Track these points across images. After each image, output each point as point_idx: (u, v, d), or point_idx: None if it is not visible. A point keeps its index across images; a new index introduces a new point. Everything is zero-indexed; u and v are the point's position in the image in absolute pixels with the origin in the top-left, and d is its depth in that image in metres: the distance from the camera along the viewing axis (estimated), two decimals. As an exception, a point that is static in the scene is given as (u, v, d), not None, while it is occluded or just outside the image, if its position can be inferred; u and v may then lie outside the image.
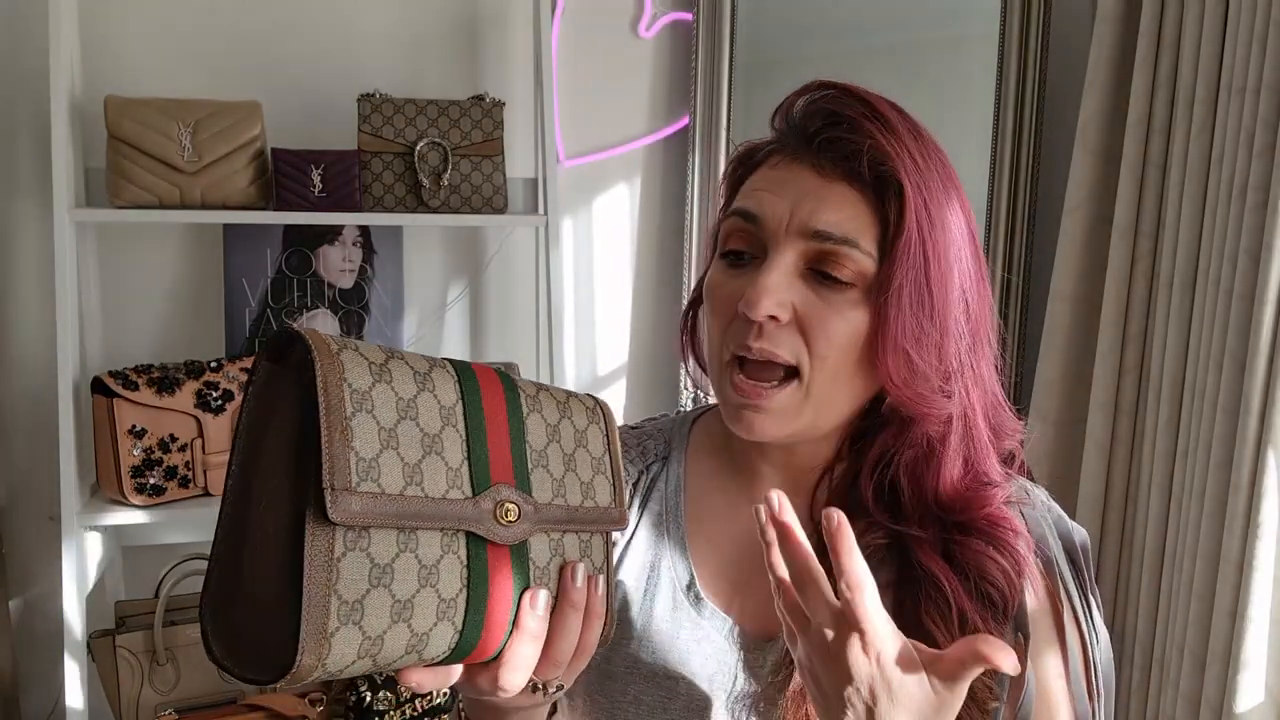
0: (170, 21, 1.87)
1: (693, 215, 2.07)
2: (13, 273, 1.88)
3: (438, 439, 0.54)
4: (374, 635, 0.50)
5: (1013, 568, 0.74)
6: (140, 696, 1.69)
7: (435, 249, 2.04)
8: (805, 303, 0.72)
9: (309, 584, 0.48)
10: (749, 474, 0.83)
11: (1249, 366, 1.33)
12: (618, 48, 2.06)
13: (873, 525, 0.76)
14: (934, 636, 0.71)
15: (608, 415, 0.68)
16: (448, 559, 0.54)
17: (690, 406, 2.11)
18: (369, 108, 1.79)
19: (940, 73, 1.96)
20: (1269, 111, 1.34)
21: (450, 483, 0.54)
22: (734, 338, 0.74)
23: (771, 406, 0.73)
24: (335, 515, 0.48)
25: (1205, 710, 1.39)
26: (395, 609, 0.51)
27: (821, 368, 0.72)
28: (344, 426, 0.49)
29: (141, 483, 1.68)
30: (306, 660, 0.47)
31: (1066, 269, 1.71)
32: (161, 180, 1.68)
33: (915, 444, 0.77)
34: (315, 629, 0.48)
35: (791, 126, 0.76)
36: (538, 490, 0.60)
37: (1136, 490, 1.63)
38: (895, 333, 0.71)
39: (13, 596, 1.92)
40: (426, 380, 0.55)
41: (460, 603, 0.55)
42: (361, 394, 0.51)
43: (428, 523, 0.53)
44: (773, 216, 0.73)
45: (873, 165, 0.71)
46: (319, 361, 0.50)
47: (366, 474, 0.50)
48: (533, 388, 0.63)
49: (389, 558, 0.51)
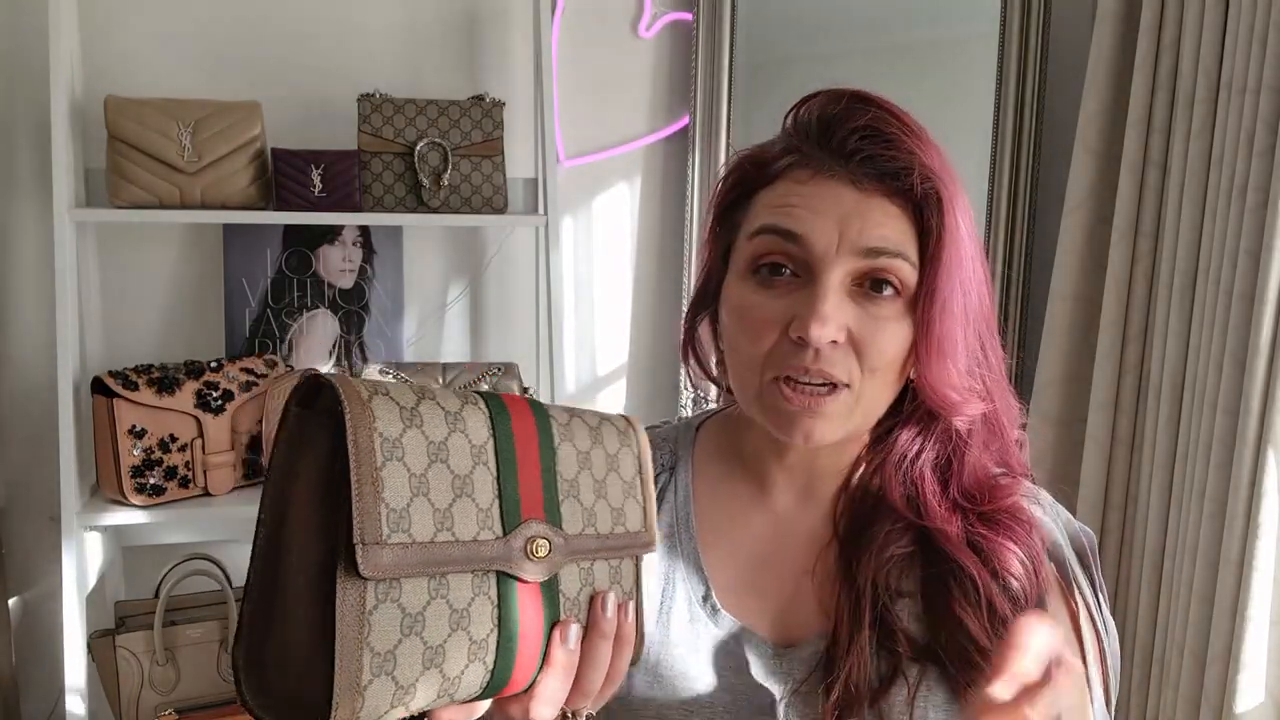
0: (170, 21, 1.87)
1: (693, 215, 2.07)
2: (13, 273, 1.88)
3: (468, 480, 0.54)
4: (406, 684, 0.50)
5: (1032, 559, 0.75)
6: (140, 696, 1.69)
7: (435, 249, 2.04)
8: (858, 321, 0.72)
9: (341, 640, 0.48)
10: (761, 481, 0.83)
11: (1249, 366, 1.33)
12: (618, 48, 2.06)
13: (897, 530, 0.77)
14: (967, 625, 0.72)
15: (640, 437, 0.67)
16: (479, 600, 0.54)
17: (690, 407, 2.11)
18: (369, 108, 1.79)
19: (940, 73, 1.96)
20: (1269, 111, 1.34)
21: (481, 524, 0.54)
22: (781, 360, 0.73)
23: (827, 412, 0.73)
24: (367, 571, 0.48)
25: (1205, 710, 1.39)
26: (427, 656, 0.51)
27: (871, 378, 0.73)
28: (374, 478, 0.49)
29: (141, 483, 1.68)
30: (341, 715, 0.48)
31: (1066, 269, 1.71)
32: (161, 180, 1.68)
33: (939, 438, 0.78)
34: (349, 683, 0.48)
35: (817, 140, 0.74)
36: (568, 522, 0.60)
37: (1136, 490, 1.63)
38: (939, 338, 0.72)
39: (12, 596, 1.92)
40: (458, 420, 0.54)
41: (491, 643, 0.55)
42: (392, 442, 0.50)
43: (458, 567, 0.52)
44: (821, 237, 0.71)
45: (921, 181, 0.72)
46: (349, 410, 0.49)
47: (397, 525, 0.49)
48: (565, 415, 0.62)
49: (420, 606, 0.51)
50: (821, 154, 0.73)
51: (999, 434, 0.79)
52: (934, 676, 0.74)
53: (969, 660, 0.72)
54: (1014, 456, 0.81)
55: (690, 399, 2.12)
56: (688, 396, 2.12)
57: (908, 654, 0.74)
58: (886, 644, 0.74)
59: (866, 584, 0.75)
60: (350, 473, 0.48)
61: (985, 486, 0.78)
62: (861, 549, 0.77)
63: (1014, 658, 0.59)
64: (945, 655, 0.73)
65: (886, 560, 0.76)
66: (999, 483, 0.79)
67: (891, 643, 0.74)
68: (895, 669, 0.74)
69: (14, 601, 1.92)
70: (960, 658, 0.73)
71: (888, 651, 0.74)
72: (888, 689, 0.73)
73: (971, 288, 0.75)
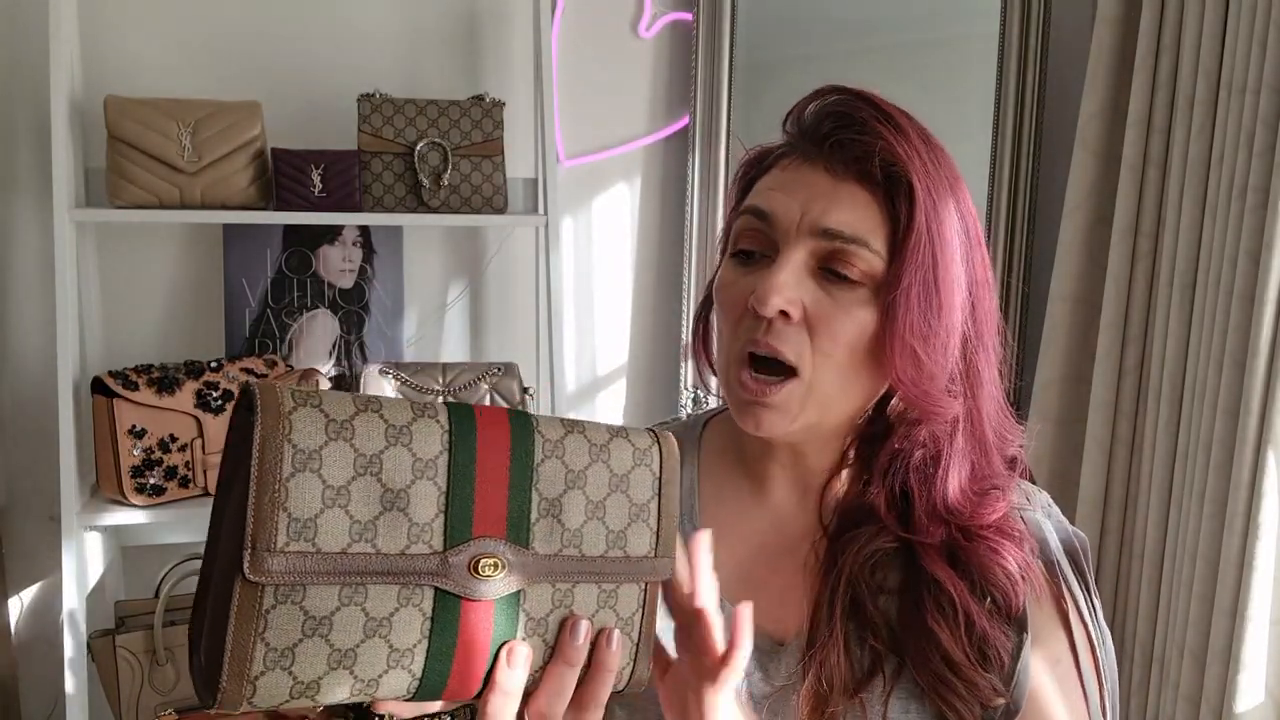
0: (170, 21, 1.87)
1: (693, 215, 2.07)
2: (13, 273, 1.88)
3: (402, 494, 0.54)
4: (307, 680, 0.52)
5: (1015, 571, 0.75)
6: (140, 696, 1.69)
7: (435, 249, 2.04)
8: (815, 301, 0.73)
9: (232, 631, 0.50)
10: (760, 477, 0.84)
11: (1249, 367, 1.33)
12: (618, 48, 2.06)
13: (882, 530, 0.78)
14: (938, 638, 0.73)
15: (664, 457, 0.65)
16: (405, 611, 0.54)
17: (690, 406, 2.11)
18: (369, 108, 1.79)
19: (940, 73, 1.96)
20: (1269, 111, 1.34)
21: (413, 538, 0.54)
22: (744, 333, 0.75)
23: (775, 402, 0.74)
24: (251, 575, 0.50)
25: (1205, 710, 1.39)
26: (334, 657, 0.53)
27: (825, 365, 0.74)
28: (276, 488, 0.51)
29: (141, 483, 1.68)
30: (228, 699, 0.51)
31: (1066, 269, 1.71)
32: (161, 180, 1.68)
33: (922, 445, 0.78)
34: (236, 672, 0.50)
35: (803, 130, 0.78)
36: (540, 541, 0.59)
37: (1136, 490, 1.63)
38: (903, 330, 0.72)
39: (12, 596, 1.92)
40: (402, 434, 0.54)
41: (419, 653, 0.55)
42: (308, 454, 0.51)
43: (378, 578, 0.53)
44: (784, 215, 0.74)
45: (884, 165, 0.72)
46: (260, 422, 0.51)
47: (299, 534, 0.51)
48: (560, 430, 0.61)
49: (327, 611, 0.52)
50: (804, 142, 0.77)
51: (985, 445, 0.79)
52: (912, 675, 0.75)
53: (933, 670, 0.73)
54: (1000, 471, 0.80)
55: (690, 399, 2.12)
56: (688, 396, 2.12)
57: (886, 649, 0.75)
58: (865, 637, 0.75)
59: (844, 576, 0.76)
60: (250, 482, 0.50)
61: (970, 501, 0.78)
62: (846, 544, 0.78)
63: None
64: (913, 665, 0.74)
65: (869, 555, 0.77)
66: (986, 497, 0.78)
67: (871, 637, 0.75)
68: (874, 663, 0.75)
69: (14, 601, 1.92)
70: (924, 667, 0.73)
71: (867, 646, 0.75)
72: (867, 681, 0.74)
73: (953, 286, 0.74)
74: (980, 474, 0.79)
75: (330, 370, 1.96)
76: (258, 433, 0.50)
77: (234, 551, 0.51)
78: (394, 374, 1.81)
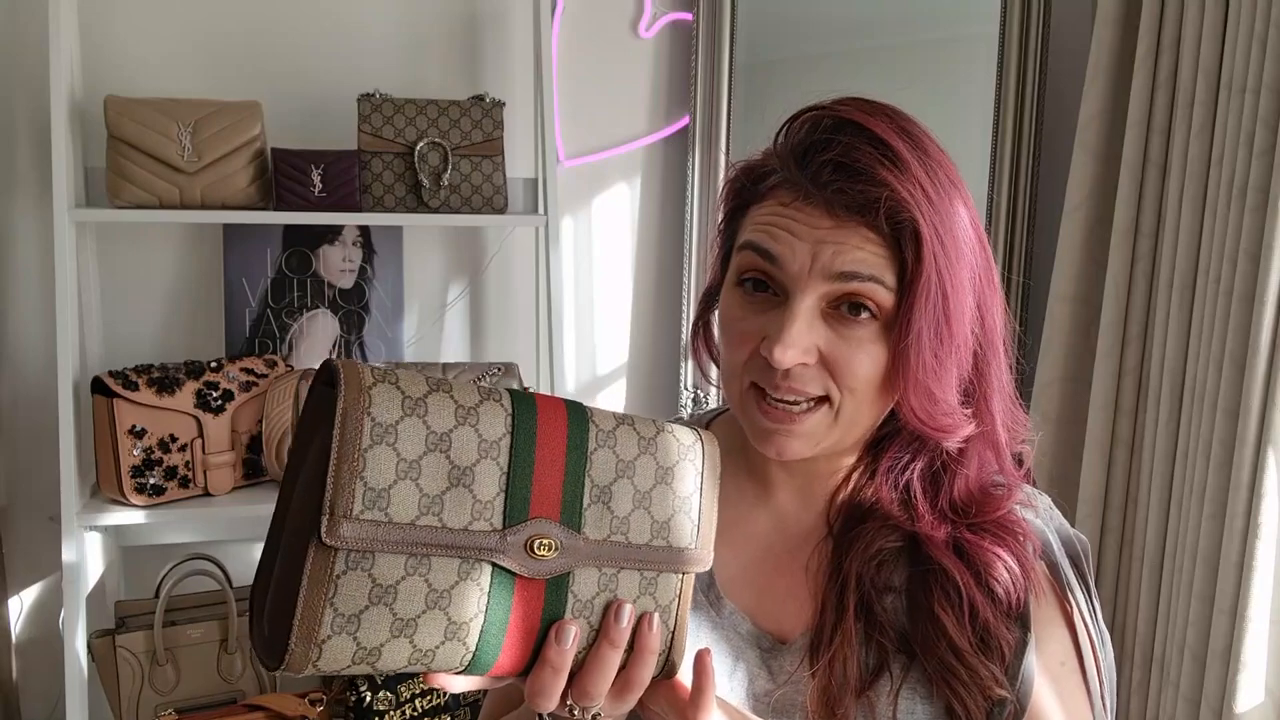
0: (170, 21, 1.87)
1: (693, 215, 2.07)
2: (13, 273, 1.88)
3: (469, 472, 0.56)
4: (370, 646, 0.54)
5: (1017, 566, 0.76)
6: (140, 696, 1.70)
7: (435, 249, 2.05)
8: (829, 343, 0.72)
9: (304, 595, 0.52)
10: (764, 479, 0.85)
11: (1249, 367, 1.33)
12: (618, 48, 2.06)
13: (886, 527, 0.78)
14: (944, 625, 0.74)
15: (708, 453, 0.67)
16: (464, 585, 0.56)
17: (690, 406, 2.11)
18: (369, 108, 1.79)
19: (940, 73, 1.96)
20: (1269, 111, 1.34)
21: (475, 515, 0.56)
22: (755, 372, 0.74)
23: (803, 430, 0.74)
24: (328, 539, 0.52)
25: (1205, 710, 1.39)
26: (396, 625, 0.55)
27: (851, 397, 0.74)
28: (355, 457, 0.53)
29: (141, 483, 1.68)
30: (295, 661, 0.53)
31: (1066, 269, 1.71)
32: (161, 180, 1.68)
33: (933, 449, 0.79)
34: (305, 634, 0.52)
35: (798, 162, 0.74)
36: (591, 526, 0.61)
37: (1136, 490, 1.63)
38: (915, 371, 0.72)
39: (12, 596, 1.92)
40: (470, 415, 0.57)
41: (475, 626, 0.57)
42: (385, 427, 0.54)
43: (442, 551, 0.55)
44: (792, 260, 0.72)
45: (890, 214, 0.70)
46: (343, 394, 0.53)
47: (374, 503, 0.53)
48: (612, 421, 0.63)
49: (393, 580, 0.54)
50: (801, 179, 0.73)
51: (996, 446, 0.79)
52: (920, 671, 0.75)
53: (940, 658, 0.74)
54: (1010, 470, 0.81)
55: (690, 398, 2.12)
56: (687, 396, 2.12)
57: (894, 647, 0.76)
58: (873, 635, 0.76)
59: (851, 575, 0.77)
60: (333, 449, 0.52)
61: (977, 499, 0.79)
62: (851, 543, 0.78)
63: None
64: (920, 651, 0.75)
65: (874, 553, 0.77)
66: (992, 494, 0.79)
67: (878, 635, 0.76)
68: (882, 661, 0.75)
69: (14, 601, 1.92)
70: (932, 655, 0.74)
71: (874, 644, 0.76)
72: (875, 680, 0.75)
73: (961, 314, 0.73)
74: (989, 470, 0.80)
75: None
76: (340, 404, 0.53)
77: (311, 517, 0.53)
78: (394, 374, 1.81)
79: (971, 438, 0.77)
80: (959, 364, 0.74)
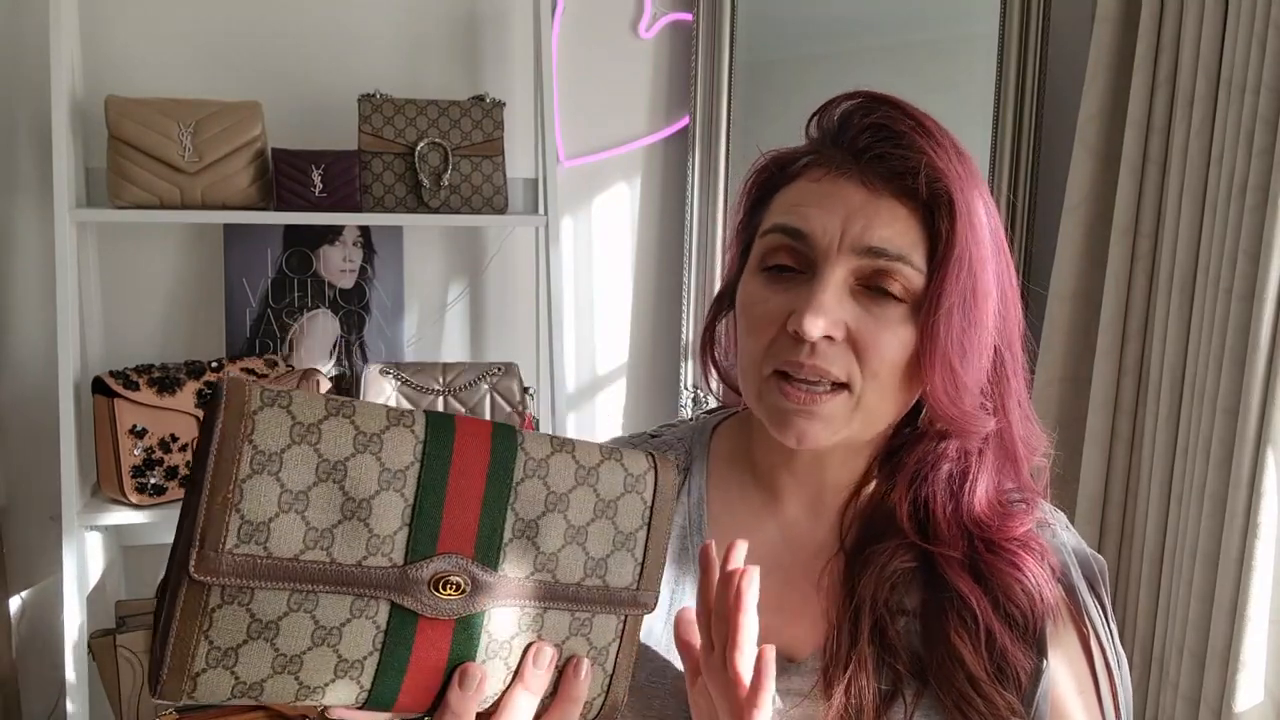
0: (170, 21, 1.87)
1: (693, 215, 2.07)
2: (13, 273, 1.88)
3: (365, 504, 0.53)
4: (250, 681, 0.52)
5: (1036, 589, 0.74)
6: (140, 696, 1.70)
7: (435, 249, 2.05)
8: (857, 320, 0.71)
9: (176, 627, 0.50)
10: (772, 488, 0.82)
11: (1249, 366, 1.33)
12: (618, 48, 2.06)
13: (903, 546, 0.76)
14: (960, 653, 0.72)
15: (660, 484, 0.62)
16: (358, 623, 0.53)
17: (690, 406, 2.11)
18: (369, 108, 1.79)
19: (940, 73, 1.96)
20: (1269, 111, 1.34)
21: (371, 550, 0.53)
22: (779, 354, 0.72)
23: (823, 413, 0.72)
24: (196, 573, 0.49)
25: (1205, 710, 1.39)
26: (279, 661, 0.52)
27: (874, 383, 0.72)
28: (229, 489, 0.50)
29: (142, 482, 1.68)
30: (167, 692, 0.50)
31: (1066, 269, 1.71)
32: (162, 180, 1.69)
33: (951, 459, 0.77)
34: (178, 667, 0.50)
35: (833, 139, 0.74)
36: (511, 564, 0.57)
37: (1136, 489, 1.63)
38: (945, 349, 0.70)
39: (13, 596, 1.92)
40: (372, 442, 0.53)
41: (369, 665, 0.54)
42: (269, 455, 0.50)
43: (330, 588, 0.52)
44: (823, 233, 0.71)
45: (929, 182, 0.70)
46: (220, 419, 0.50)
47: (250, 537, 0.50)
48: (547, 448, 0.58)
49: (274, 616, 0.51)
50: (835, 152, 0.73)
51: (1014, 458, 0.77)
52: (933, 696, 0.73)
53: (957, 688, 0.72)
54: (1028, 483, 0.79)
55: (690, 399, 2.12)
56: (687, 396, 2.12)
57: (907, 671, 0.73)
58: (885, 659, 0.74)
59: (866, 598, 0.74)
60: (204, 480, 0.49)
61: (997, 514, 0.76)
62: (865, 563, 0.76)
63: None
64: (935, 680, 0.73)
65: (889, 575, 0.75)
66: (1012, 510, 0.77)
67: (892, 659, 0.74)
68: (896, 686, 0.73)
69: (14, 601, 1.92)
70: (948, 684, 0.72)
71: (887, 668, 0.74)
72: (889, 705, 0.73)
73: (987, 299, 0.72)
74: (1007, 485, 0.78)
75: (330, 370, 1.97)
76: (217, 430, 0.50)
77: (184, 548, 0.50)
78: (394, 374, 1.81)
79: (988, 448, 0.76)
80: (982, 353, 0.73)
